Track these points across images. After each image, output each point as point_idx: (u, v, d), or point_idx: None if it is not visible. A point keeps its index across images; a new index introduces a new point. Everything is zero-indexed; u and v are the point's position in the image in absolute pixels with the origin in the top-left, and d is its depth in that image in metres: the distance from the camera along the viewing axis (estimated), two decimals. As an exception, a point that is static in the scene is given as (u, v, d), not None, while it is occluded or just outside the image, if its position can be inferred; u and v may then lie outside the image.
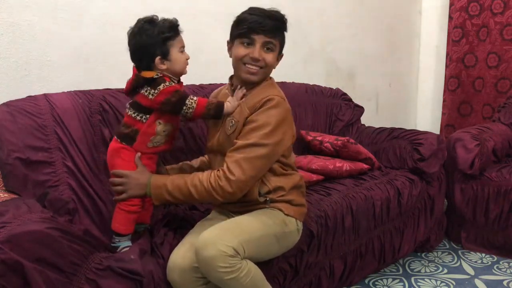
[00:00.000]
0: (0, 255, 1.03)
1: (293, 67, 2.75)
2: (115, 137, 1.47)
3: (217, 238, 1.24)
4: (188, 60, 1.45)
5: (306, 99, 2.50)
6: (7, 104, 1.54)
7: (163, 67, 1.40)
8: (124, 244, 1.42)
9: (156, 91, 1.37)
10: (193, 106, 1.39)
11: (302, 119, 2.44)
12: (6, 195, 1.37)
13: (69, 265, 1.17)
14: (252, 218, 1.40)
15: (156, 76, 1.38)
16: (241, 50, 1.42)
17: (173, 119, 1.46)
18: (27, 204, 1.24)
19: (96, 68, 1.85)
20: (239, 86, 1.48)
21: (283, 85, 2.44)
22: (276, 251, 1.46)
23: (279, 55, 1.49)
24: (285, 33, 1.48)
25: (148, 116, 1.41)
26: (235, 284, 1.25)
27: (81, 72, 1.87)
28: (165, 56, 1.39)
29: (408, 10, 3.54)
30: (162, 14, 1.44)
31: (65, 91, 1.71)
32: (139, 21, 1.40)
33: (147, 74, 1.39)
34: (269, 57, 1.43)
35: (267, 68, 1.45)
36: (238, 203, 1.46)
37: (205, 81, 2.06)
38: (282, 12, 1.46)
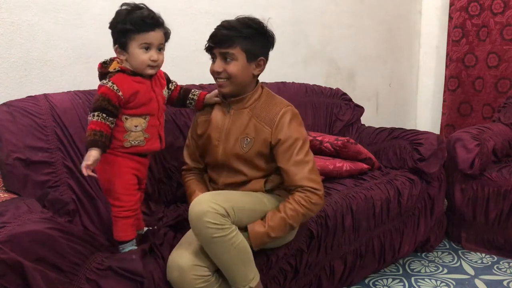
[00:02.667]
0: (0, 255, 1.04)
1: (293, 67, 2.75)
2: None
3: (210, 198, 1.29)
4: (155, 63, 1.37)
5: (306, 99, 2.50)
6: (7, 104, 1.54)
7: (122, 57, 1.37)
8: (129, 249, 1.41)
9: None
10: (88, 120, 1.32)
11: (302, 119, 2.41)
12: (6, 195, 1.37)
13: (69, 265, 1.17)
14: (249, 193, 1.45)
15: (112, 70, 1.35)
16: (210, 67, 1.47)
17: (143, 113, 1.39)
18: (27, 204, 1.24)
19: (96, 68, 1.85)
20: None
21: (283, 85, 2.44)
22: None
23: (256, 61, 1.46)
24: (258, 36, 1.44)
25: None
26: (223, 245, 1.27)
27: (81, 72, 1.87)
28: (123, 47, 1.35)
29: (408, 10, 3.54)
30: (162, 14, 1.43)
31: (65, 91, 1.71)
32: (122, 4, 1.37)
33: (105, 68, 1.37)
34: (230, 67, 1.42)
35: (234, 78, 1.43)
36: None
37: (205, 81, 2.06)
38: (252, 17, 1.44)
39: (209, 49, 1.46)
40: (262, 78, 1.59)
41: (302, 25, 2.76)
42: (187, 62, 2.19)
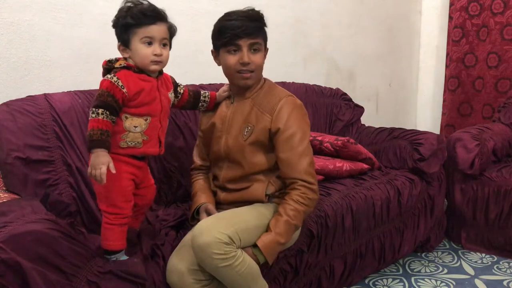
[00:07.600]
0: (1, 255, 1.03)
1: (293, 67, 2.75)
2: None
3: (213, 226, 1.27)
4: (159, 58, 1.29)
5: (306, 99, 2.50)
6: (7, 104, 1.55)
7: (125, 55, 1.31)
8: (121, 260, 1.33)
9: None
10: (92, 117, 1.23)
11: (302, 119, 2.43)
12: (6, 195, 1.37)
13: (69, 266, 1.17)
14: (249, 209, 1.44)
15: (117, 66, 1.29)
16: (230, 59, 1.43)
17: (145, 114, 1.31)
18: (31, 205, 1.24)
19: (96, 68, 1.85)
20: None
21: (283, 85, 2.44)
22: None
23: (266, 51, 1.51)
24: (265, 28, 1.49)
25: None
26: (230, 273, 1.26)
27: (81, 72, 1.87)
28: (126, 44, 1.30)
29: (408, 10, 3.54)
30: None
31: (65, 91, 1.71)
32: (124, 1, 1.32)
33: (110, 65, 1.31)
34: (257, 58, 1.45)
35: (258, 69, 1.47)
36: (242, 203, 1.48)
37: (205, 81, 2.06)
38: (257, 9, 1.47)
39: (231, 42, 1.41)
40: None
41: (302, 25, 2.76)
42: (187, 62, 2.19)
